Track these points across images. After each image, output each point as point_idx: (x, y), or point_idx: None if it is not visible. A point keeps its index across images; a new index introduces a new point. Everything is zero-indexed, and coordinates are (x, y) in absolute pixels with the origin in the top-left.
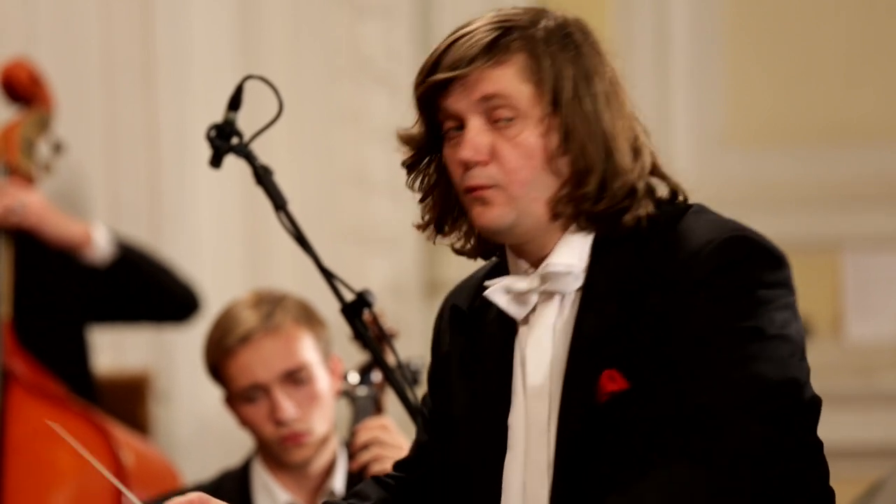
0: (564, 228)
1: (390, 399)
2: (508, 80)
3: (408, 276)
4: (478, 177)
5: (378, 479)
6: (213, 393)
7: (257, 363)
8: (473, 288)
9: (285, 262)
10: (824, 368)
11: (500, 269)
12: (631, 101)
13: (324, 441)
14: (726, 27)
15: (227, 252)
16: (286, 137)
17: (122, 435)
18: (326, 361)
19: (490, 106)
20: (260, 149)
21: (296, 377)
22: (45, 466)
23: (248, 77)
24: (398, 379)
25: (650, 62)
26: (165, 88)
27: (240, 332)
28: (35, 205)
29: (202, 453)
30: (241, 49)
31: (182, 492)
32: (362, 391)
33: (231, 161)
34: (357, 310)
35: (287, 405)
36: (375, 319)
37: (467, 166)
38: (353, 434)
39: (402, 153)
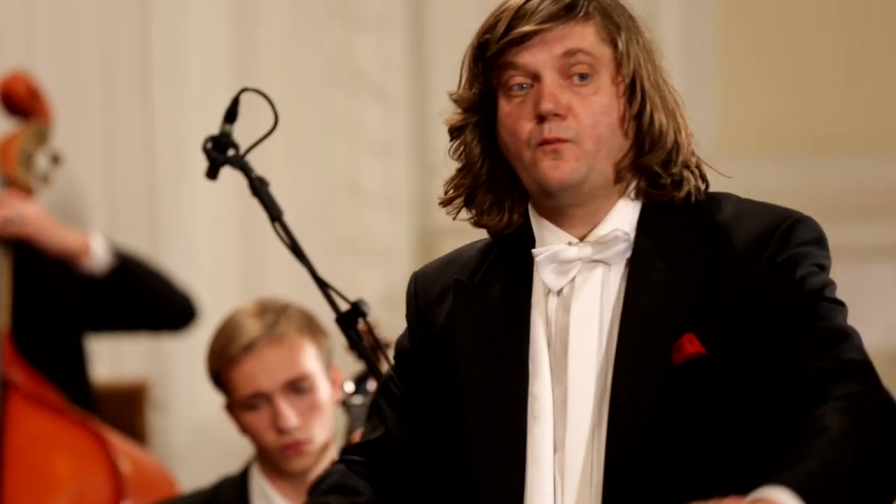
0: (622, 194)
1: None
2: (591, 38)
3: (401, 286)
4: (555, 129)
5: (353, 470)
6: (210, 402)
7: (260, 372)
8: (471, 263)
9: (281, 272)
10: None
11: (490, 249)
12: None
13: (324, 450)
14: (717, 39)
15: (223, 262)
16: (282, 149)
17: (120, 443)
18: (328, 371)
19: (569, 62)
20: (256, 160)
21: (298, 386)
22: (43, 474)
23: (243, 90)
24: None
25: None
26: (162, 101)
27: (244, 341)
28: (33, 215)
29: (199, 461)
30: (236, 62)
31: (182, 499)
32: (358, 400)
33: (227, 172)
34: (352, 319)
35: (289, 414)
36: (370, 329)
37: (543, 119)
38: (348, 443)
39: (450, 117)
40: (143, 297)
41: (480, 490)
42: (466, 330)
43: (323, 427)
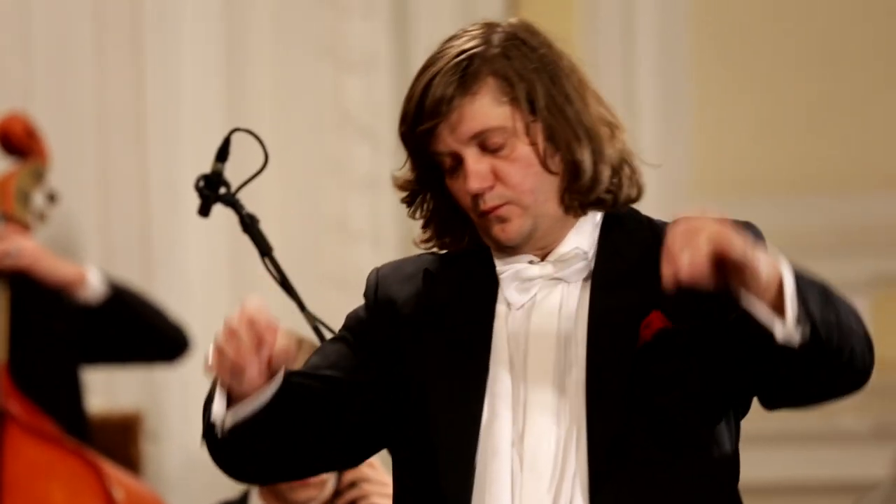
0: (575, 217)
1: None
2: (487, 110)
3: None
4: (489, 200)
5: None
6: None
7: None
8: (434, 263)
9: (270, 306)
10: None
11: (454, 259)
12: (594, 84)
13: (325, 482)
14: (693, 82)
15: (214, 296)
16: (272, 187)
17: (114, 472)
18: None
19: (479, 140)
20: (246, 198)
21: None
22: (40, 502)
23: (234, 130)
24: None
25: (617, 113)
26: (155, 141)
27: None
28: (30, 248)
29: (190, 489)
30: (228, 103)
31: None
32: None
33: (219, 210)
34: None
35: None
36: None
37: (477, 195)
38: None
39: (399, 193)
40: (138, 328)
41: (439, 473)
42: (433, 318)
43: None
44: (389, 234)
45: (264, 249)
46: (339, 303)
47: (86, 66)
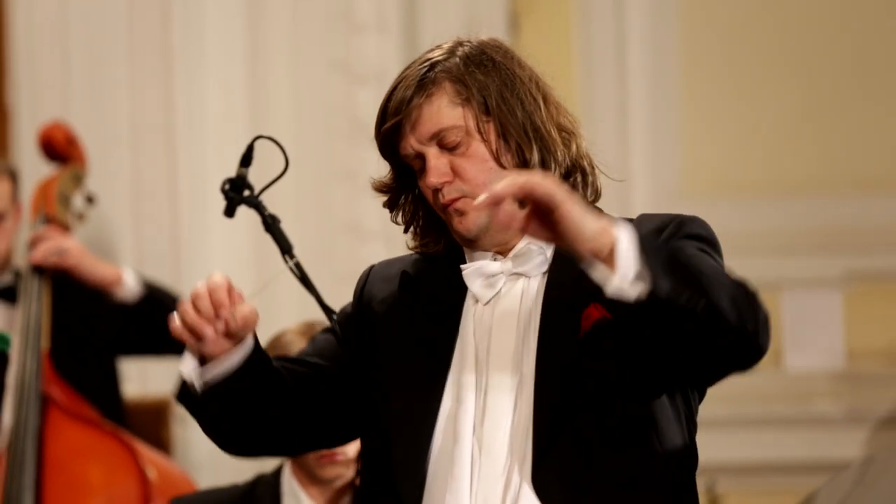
0: None
1: None
2: (443, 111)
3: None
4: (447, 193)
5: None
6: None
7: None
8: (417, 264)
9: (290, 301)
10: (766, 396)
11: (432, 260)
12: (555, 95)
13: (353, 460)
14: (681, 90)
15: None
16: (290, 191)
17: (148, 453)
18: None
19: (438, 139)
20: (268, 200)
21: None
22: (79, 480)
23: (257, 137)
24: None
25: (611, 121)
26: (184, 149)
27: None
28: (73, 249)
29: (217, 469)
30: (250, 114)
31: (222, 491)
32: None
33: (242, 211)
34: None
35: None
36: None
37: (437, 189)
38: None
39: (380, 197)
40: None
41: (393, 459)
42: (403, 317)
43: (355, 441)
44: (399, 235)
45: (285, 247)
46: (351, 297)
47: (121, 80)
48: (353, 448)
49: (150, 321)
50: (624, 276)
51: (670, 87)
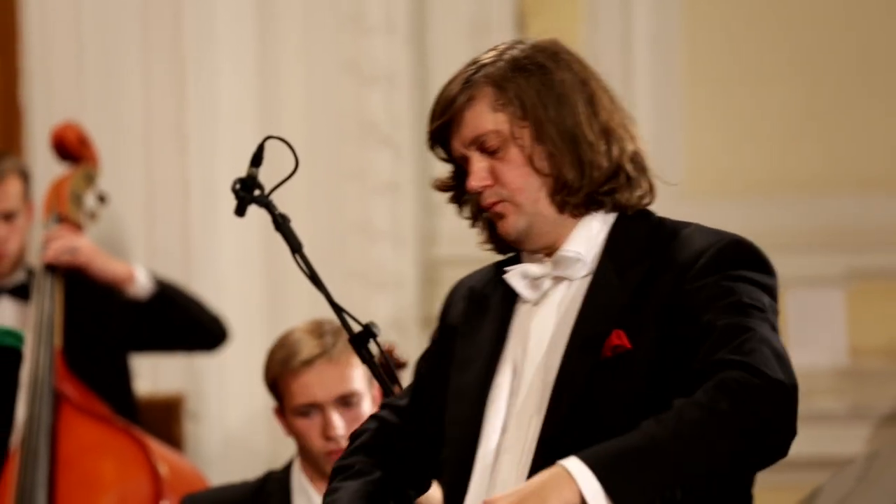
0: (574, 217)
1: None
2: (483, 116)
3: (407, 312)
4: (488, 197)
5: (384, 427)
6: (239, 413)
7: (317, 385)
8: (487, 274)
9: (300, 299)
10: None
11: (513, 261)
12: (605, 97)
13: None
14: (686, 90)
15: (249, 289)
16: (301, 191)
17: (159, 448)
18: (371, 388)
19: (479, 142)
20: (278, 200)
21: (347, 401)
22: (92, 476)
23: (268, 137)
24: None
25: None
26: (196, 148)
27: (305, 356)
28: (85, 247)
29: (227, 465)
30: (261, 114)
31: (233, 487)
32: None
33: (253, 210)
34: (364, 340)
35: (339, 424)
36: (382, 351)
37: (477, 192)
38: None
39: (444, 196)
40: (181, 320)
41: (444, 462)
42: (462, 326)
43: None
44: (408, 235)
45: (295, 246)
46: (361, 295)
47: (133, 80)
48: None
49: (161, 318)
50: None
51: (675, 87)
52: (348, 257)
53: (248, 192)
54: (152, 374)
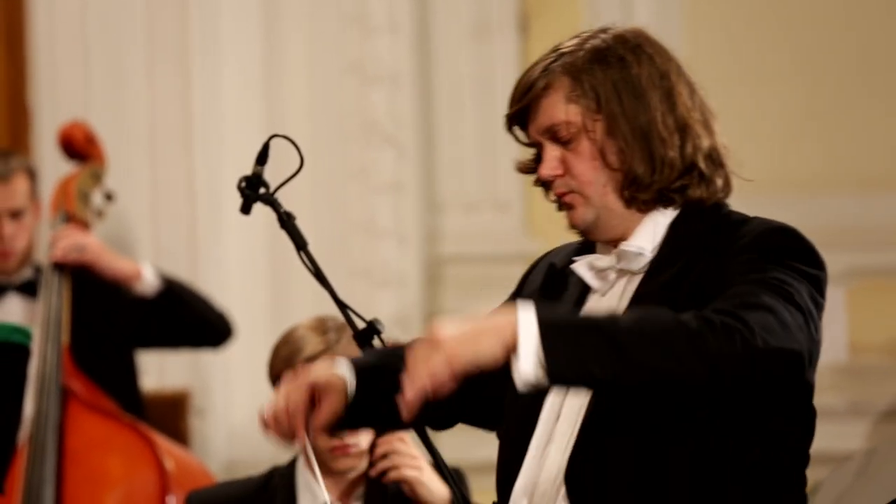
0: (642, 212)
1: None
2: (558, 107)
3: (411, 310)
4: (558, 187)
5: None
6: (244, 409)
7: None
8: (571, 253)
9: (304, 296)
10: None
11: (589, 245)
12: (689, 93)
13: (364, 452)
14: None
15: (254, 287)
16: (306, 189)
17: (165, 444)
18: None
19: (552, 132)
20: (283, 198)
21: None
22: (99, 472)
23: (273, 136)
24: None
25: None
26: (201, 147)
27: (308, 353)
28: (92, 244)
29: (233, 460)
30: (266, 113)
31: (239, 483)
32: None
33: (258, 208)
34: (368, 337)
35: None
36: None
37: (547, 181)
38: (373, 444)
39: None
40: (187, 317)
41: (502, 439)
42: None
43: (368, 433)
44: (411, 233)
45: (300, 244)
46: (365, 293)
47: (139, 81)
48: (365, 440)
49: (168, 314)
50: (525, 364)
51: None
52: (352, 255)
53: (253, 191)
54: (159, 370)
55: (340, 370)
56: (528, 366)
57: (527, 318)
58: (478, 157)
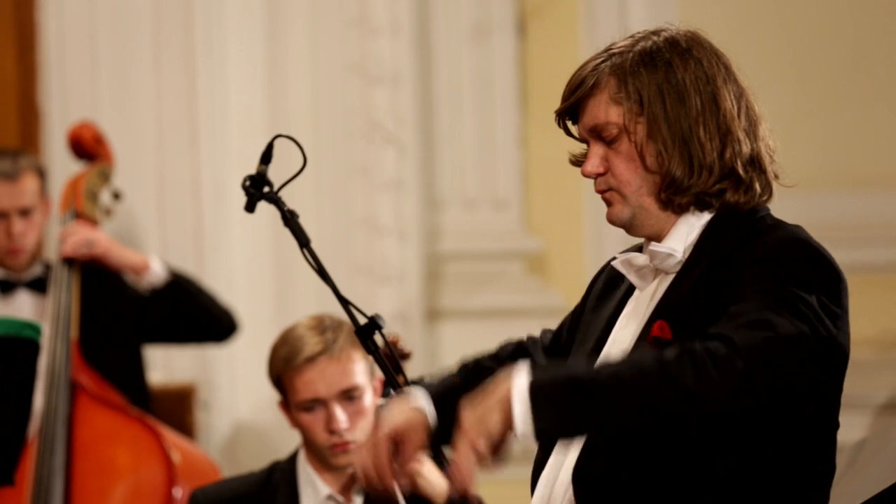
0: (677, 214)
1: None
2: (603, 107)
3: (411, 305)
4: (599, 184)
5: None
6: (248, 403)
7: (319, 381)
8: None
9: (307, 292)
10: None
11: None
12: (735, 97)
13: None
14: None
15: (258, 283)
16: (308, 187)
17: (172, 436)
18: (372, 381)
19: (597, 130)
20: (287, 196)
21: (350, 395)
22: (107, 464)
23: (277, 136)
24: (405, 391)
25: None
26: (207, 147)
27: (308, 353)
28: (101, 239)
29: (238, 453)
30: (270, 113)
31: (240, 479)
32: (382, 402)
33: (262, 206)
34: (369, 332)
35: (342, 418)
36: (387, 343)
37: (590, 177)
38: None
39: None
40: (194, 311)
41: None
42: (596, 303)
43: (365, 429)
44: (412, 230)
45: (303, 241)
46: (367, 289)
47: (146, 82)
48: (363, 437)
49: (174, 308)
50: (520, 427)
51: None
52: (354, 252)
53: (257, 189)
54: (165, 364)
55: (418, 403)
56: (522, 428)
57: (519, 384)
58: (477, 155)
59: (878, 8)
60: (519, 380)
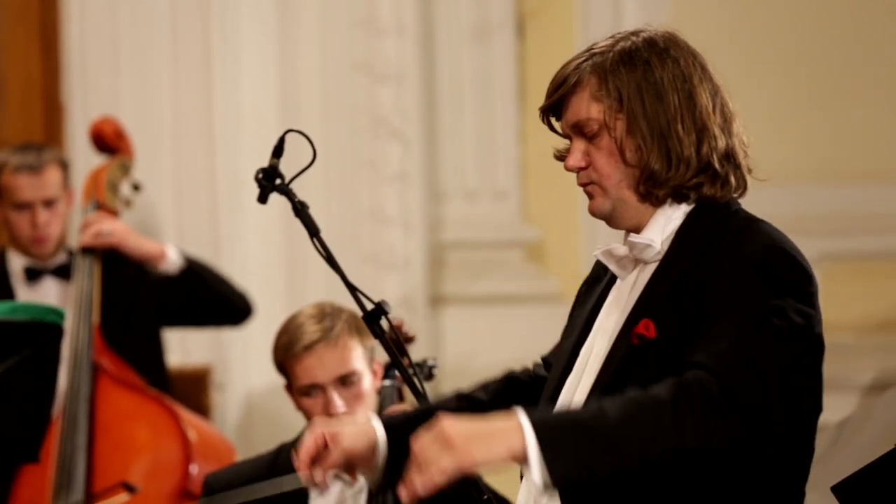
0: (655, 206)
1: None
2: (584, 104)
3: (415, 292)
4: (581, 178)
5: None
6: (261, 384)
7: (317, 368)
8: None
9: (317, 279)
10: None
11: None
12: (710, 95)
13: None
14: None
15: (270, 270)
16: (318, 180)
17: (188, 416)
18: (370, 365)
19: (579, 126)
20: (297, 189)
21: (347, 380)
22: (127, 442)
23: (288, 131)
24: (409, 373)
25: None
26: (222, 141)
27: (306, 341)
28: (119, 228)
29: (251, 432)
30: (281, 110)
31: (249, 462)
32: (387, 383)
33: (274, 198)
34: (376, 317)
35: (339, 402)
36: (392, 327)
37: (572, 171)
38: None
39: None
40: (210, 295)
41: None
42: (583, 296)
43: (364, 412)
44: (416, 220)
45: (313, 231)
46: (373, 277)
47: (165, 80)
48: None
49: (191, 293)
50: (535, 474)
51: None
52: (361, 241)
53: (269, 181)
54: (182, 347)
55: (373, 426)
56: (538, 475)
57: (529, 427)
58: (478, 149)
59: (866, 4)
60: (526, 421)
